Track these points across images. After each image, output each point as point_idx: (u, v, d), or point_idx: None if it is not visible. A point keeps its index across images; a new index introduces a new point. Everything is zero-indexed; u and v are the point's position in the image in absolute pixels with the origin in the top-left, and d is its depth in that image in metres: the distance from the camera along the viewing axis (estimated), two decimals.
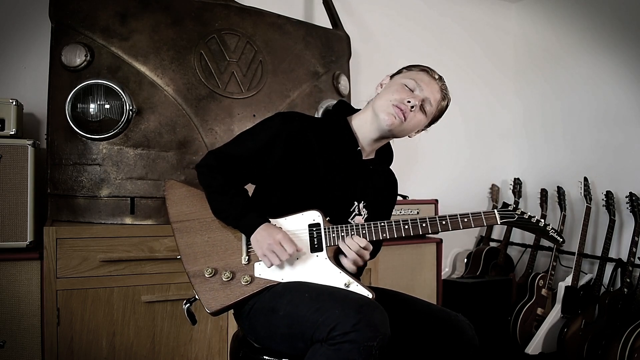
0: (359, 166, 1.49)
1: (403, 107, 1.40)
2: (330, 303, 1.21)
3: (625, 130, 3.14)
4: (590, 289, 2.99)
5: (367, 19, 3.28)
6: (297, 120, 1.45)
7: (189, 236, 1.43)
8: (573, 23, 3.44)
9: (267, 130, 1.43)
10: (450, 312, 1.41)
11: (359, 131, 1.48)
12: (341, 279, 1.35)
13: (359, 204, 1.49)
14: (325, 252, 1.38)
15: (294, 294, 1.30)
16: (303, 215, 1.40)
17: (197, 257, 1.40)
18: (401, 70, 1.52)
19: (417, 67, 1.49)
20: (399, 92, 1.42)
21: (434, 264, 3.03)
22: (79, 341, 1.92)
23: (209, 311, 1.35)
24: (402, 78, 1.46)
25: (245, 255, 1.39)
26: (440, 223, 1.38)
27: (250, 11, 2.32)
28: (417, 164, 3.45)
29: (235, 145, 1.45)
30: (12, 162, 1.96)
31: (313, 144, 1.43)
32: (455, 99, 3.98)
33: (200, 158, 1.47)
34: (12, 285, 1.92)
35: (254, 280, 1.38)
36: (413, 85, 1.44)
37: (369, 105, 1.49)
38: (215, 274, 1.38)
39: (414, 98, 1.41)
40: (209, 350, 2.12)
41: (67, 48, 2.02)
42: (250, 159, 1.42)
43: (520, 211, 1.40)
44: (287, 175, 1.42)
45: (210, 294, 1.36)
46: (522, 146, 3.81)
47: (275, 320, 1.29)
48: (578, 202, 3.27)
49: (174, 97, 2.11)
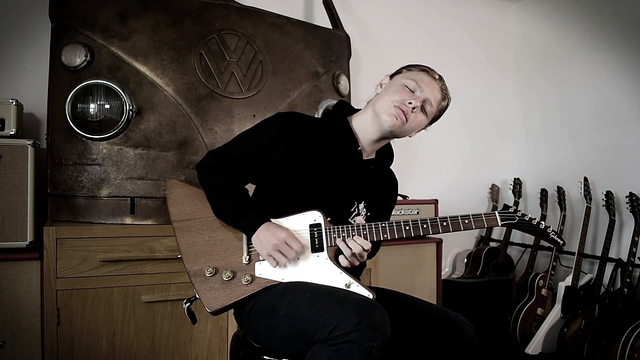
0: (359, 166, 1.49)
1: (404, 108, 1.40)
2: (331, 303, 1.21)
3: (625, 130, 3.14)
4: (590, 289, 2.99)
5: (367, 19, 3.28)
6: (297, 120, 1.45)
7: (189, 235, 1.42)
8: (573, 23, 3.44)
9: (268, 130, 1.43)
10: (450, 312, 1.41)
11: (360, 131, 1.48)
12: (342, 279, 1.35)
13: (359, 204, 1.49)
14: (326, 252, 1.38)
15: (295, 294, 1.30)
16: (304, 216, 1.40)
17: (197, 257, 1.40)
18: (401, 70, 1.52)
19: (417, 67, 1.49)
20: (399, 93, 1.42)
21: (434, 264, 3.03)
22: (79, 341, 1.92)
23: (209, 310, 1.35)
24: (403, 78, 1.46)
25: (246, 254, 1.40)
26: (441, 224, 1.38)
27: (250, 11, 2.32)
28: (417, 164, 3.45)
29: (236, 145, 1.44)
30: (12, 162, 1.96)
31: (313, 144, 1.43)
32: (456, 99, 3.97)
33: (201, 158, 1.47)
34: (12, 285, 1.92)
35: (254, 280, 1.38)
36: (414, 86, 1.44)
37: (369, 106, 1.49)
38: (216, 273, 1.38)
39: (415, 99, 1.42)
40: (209, 350, 2.12)
41: (67, 48, 2.02)
42: (250, 158, 1.42)
43: (521, 213, 1.41)
44: (287, 175, 1.42)
45: (211, 293, 1.36)
46: (522, 146, 3.81)
47: (276, 320, 1.29)
48: (578, 202, 3.27)
49: (174, 97, 2.11)
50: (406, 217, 2.96)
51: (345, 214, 1.47)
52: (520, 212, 1.41)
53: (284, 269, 1.38)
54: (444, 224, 1.38)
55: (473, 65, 3.68)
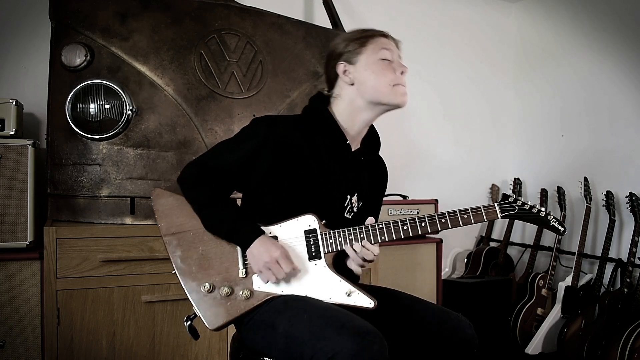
0: (349, 159, 1.45)
1: (401, 80, 1.40)
2: (330, 330, 1.17)
3: (625, 130, 3.14)
4: (590, 289, 2.99)
5: (367, 19, 3.28)
6: (281, 124, 1.39)
7: (181, 249, 1.38)
8: (573, 23, 3.44)
9: (252, 140, 1.37)
10: (450, 312, 1.41)
11: (345, 122, 1.44)
12: (342, 288, 1.32)
13: (352, 197, 1.46)
14: (324, 259, 1.35)
15: (294, 313, 1.26)
16: (298, 221, 1.36)
17: (192, 272, 1.36)
18: (351, 49, 1.41)
19: (370, 36, 1.42)
20: (387, 71, 1.39)
21: (434, 264, 3.03)
22: (79, 341, 1.92)
23: (210, 328, 1.33)
24: (373, 53, 1.40)
25: (243, 267, 1.36)
26: (439, 221, 1.35)
27: (250, 11, 2.32)
28: (417, 164, 3.45)
29: (218, 155, 1.39)
30: (12, 162, 1.96)
31: (301, 145, 1.39)
32: (456, 99, 3.97)
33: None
34: (12, 285, 1.93)
35: (254, 294, 1.34)
36: (388, 54, 1.40)
37: (350, 95, 1.42)
38: (214, 289, 1.34)
39: (400, 67, 1.40)
40: (209, 350, 2.12)
41: (67, 48, 2.02)
42: (235, 170, 1.37)
43: (521, 202, 1.37)
44: (277, 182, 1.38)
45: (211, 310, 1.33)
46: (522, 146, 3.81)
47: (274, 337, 1.26)
48: (578, 202, 3.27)
49: (174, 97, 2.11)
50: (406, 217, 2.96)
51: (340, 210, 1.44)
52: (520, 200, 1.37)
53: (282, 280, 1.34)
54: (442, 220, 1.35)
55: (473, 65, 3.68)
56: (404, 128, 3.39)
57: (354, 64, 1.41)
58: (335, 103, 1.46)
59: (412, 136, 3.45)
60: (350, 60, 1.42)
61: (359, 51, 1.41)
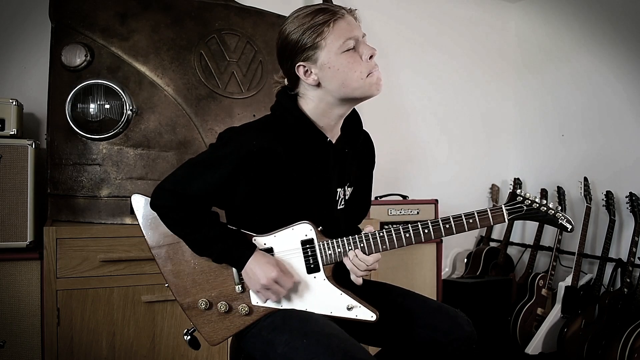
0: (333, 154, 1.35)
1: (374, 69, 1.27)
2: (328, 358, 1.14)
3: (625, 130, 3.14)
4: (590, 289, 2.99)
5: (367, 19, 3.27)
6: (252, 137, 1.26)
7: (173, 264, 1.31)
8: (572, 23, 3.44)
9: (225, 164, 1.25)
10: (449, 308, 1.40)
11: (320, 120, 1.33)
12: (343, 302, 1.28)
13: (342, 188, 1.41)
14: (323, 272, 1.29)
15: (292, 335, 1.22)
16: (293, 230, 1.30)
17: (187, 288, 1.31)
18: (307, 36, 1.25)
19: (325, 23, 1.24)
20: (357, 64, 1.25)
21: (434, 264, 3.03)
22: (79, 341, 1.92)
23: (210, 344, 1.31)
24: (335, 46, 1.24)
25: (238, 282, 1.30)
26: (444, 227, 1.28)
27: (250, 11, 2.32)
28: (417, 164, 3.45)
29: (192, 181, 1.26)
30: (12, 162, 1.96)
31: (279, 153, 1.27)
32: (455, 99, 3.97)
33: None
34: (12, 285, 1.93)
35: (253, 310, 1.31)
36: (352, 43, 1.25)
37: (318, 95, 1.30)
38: (211, 306, 1.31)
39: (367, 52, 1.26)
40: (209, 350, 2.12)
41: (67, 48, 2.02)
42: (212, 195, 1.28)
43: (530, 201, 1.31)
44: (262, 197, 1.30)
45: (210, 326, 1.31)
46: (522, 146, 3.81)
47: (273, 355, 1.23)
48: (578, 202, 3.27)
49: (174, 97, 2.11)
50: (406, 217, 2.96)
51: (332, 206, 1.39)
52: (529, 200, 1.31)
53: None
54: (446, 226, 1.28)
55: (473, 65, 3.68)
56: (404, 128, 3.39)
57: (315, 63, 1.26)
58: (304, 102, 1.33)
59: (412, 136, 3.45)
60: (309, 58, 1.26)
61: (317, 45, 1.25)
